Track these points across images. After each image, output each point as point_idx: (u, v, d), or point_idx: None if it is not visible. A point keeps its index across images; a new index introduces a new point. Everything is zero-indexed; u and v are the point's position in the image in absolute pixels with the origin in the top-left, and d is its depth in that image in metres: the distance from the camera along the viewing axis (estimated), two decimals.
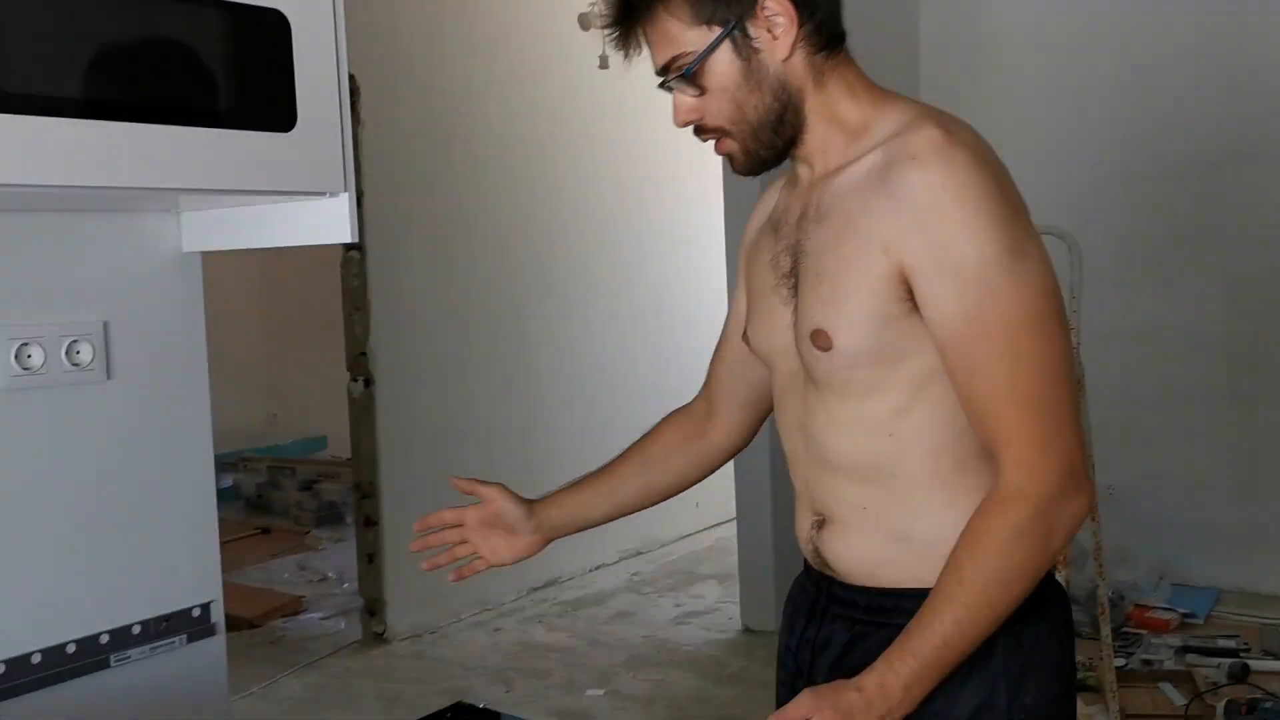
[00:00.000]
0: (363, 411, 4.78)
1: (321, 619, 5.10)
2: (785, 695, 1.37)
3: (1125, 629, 4.05)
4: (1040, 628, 1.30)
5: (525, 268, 5.21)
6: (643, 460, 1.57)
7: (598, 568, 5.61)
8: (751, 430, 1.60)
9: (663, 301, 6.02)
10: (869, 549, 1.33)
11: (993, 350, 1.19)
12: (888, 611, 1.30)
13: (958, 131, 1.23)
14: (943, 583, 1.20)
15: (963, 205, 1.18)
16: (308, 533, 6.75)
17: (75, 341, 1.60)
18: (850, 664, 1.30)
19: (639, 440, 1.61)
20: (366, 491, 4.81)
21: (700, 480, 1.60)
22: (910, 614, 1.23)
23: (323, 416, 8.09)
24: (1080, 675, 3.19)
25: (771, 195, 1.49)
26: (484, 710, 1.46)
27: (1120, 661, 3.63)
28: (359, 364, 4.75)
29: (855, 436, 1.30)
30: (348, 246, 4.73)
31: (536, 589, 5.31)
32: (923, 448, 1.28)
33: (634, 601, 5.17)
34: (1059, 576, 1.40)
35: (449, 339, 5.03)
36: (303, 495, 7.12)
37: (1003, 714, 1.26)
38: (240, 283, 7.92)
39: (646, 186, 5.89)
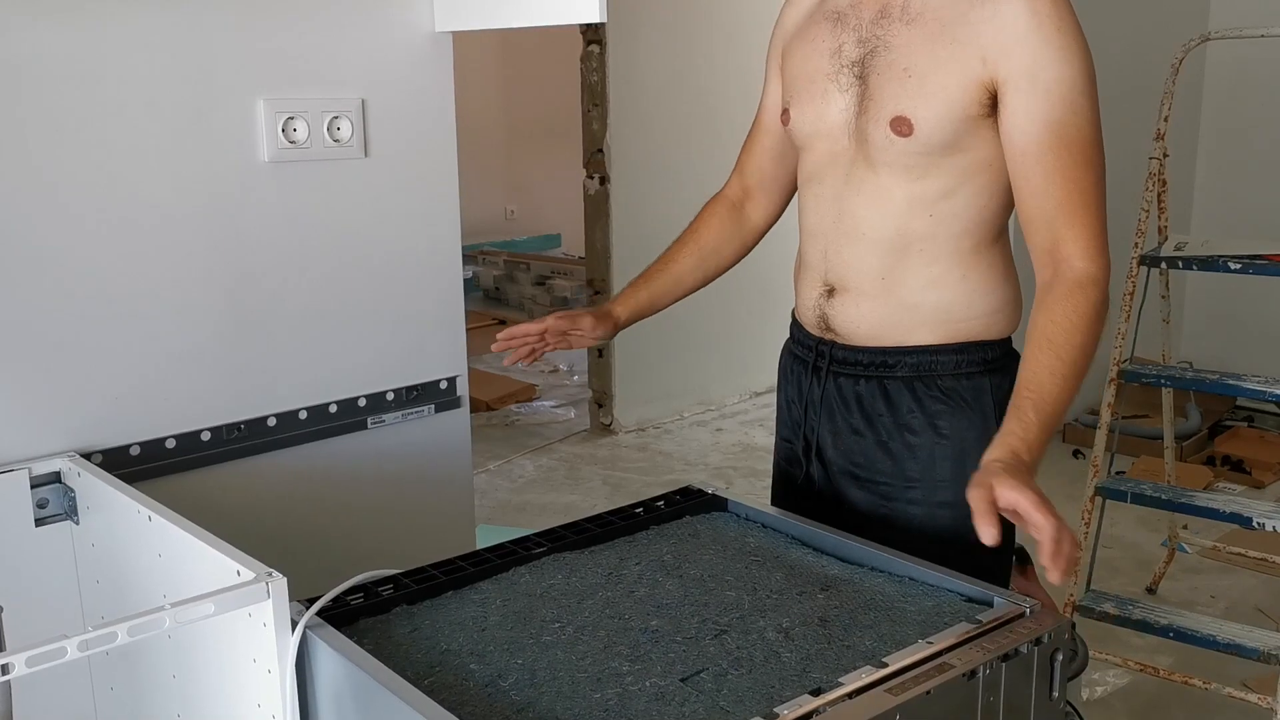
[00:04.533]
0: (597, 209, 4.84)
1: (552, 407, 5.34)
2: (785, 441, 1.66)
3: None
4: (1011, 377, 1.47)
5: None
6: (699, 250, 1.77)
7: None
8: (782, 209, 1.79)
9: None
10: (878, 315, 1.50)
11: (1070, 159, 1.37)
12: (890, 366, 1.51)
13: None
14: (1044, 359, 1.36)
15: (1061, 32, 1.36)
16: None
17: (336, 118, 1.66)
18: (851, 412, 1.54)
19: (691, 231, 1.79)
20: (598, 288, 4.91)
21: (742, 259, 1.81)
22: (910, 366, 1.49)
23: (557, 214, 8.28)
24: None
25: None
26: (712, 495, 1.49)
27: None
28: (595, 161, 4.79)
29: (899, 212, 1.46)
30: (588, 40, 4.70)
31: (759, 394, 5.38)
32: (954, 228, 1.46)
33: None
34: None
35: (686, 137, 4.98)
36: (536, 290, 7.38)
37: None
38: (479, 80, 8.04)
39: None
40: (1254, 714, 2.55)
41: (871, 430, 1.52)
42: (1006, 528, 1.55)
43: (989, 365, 1.50)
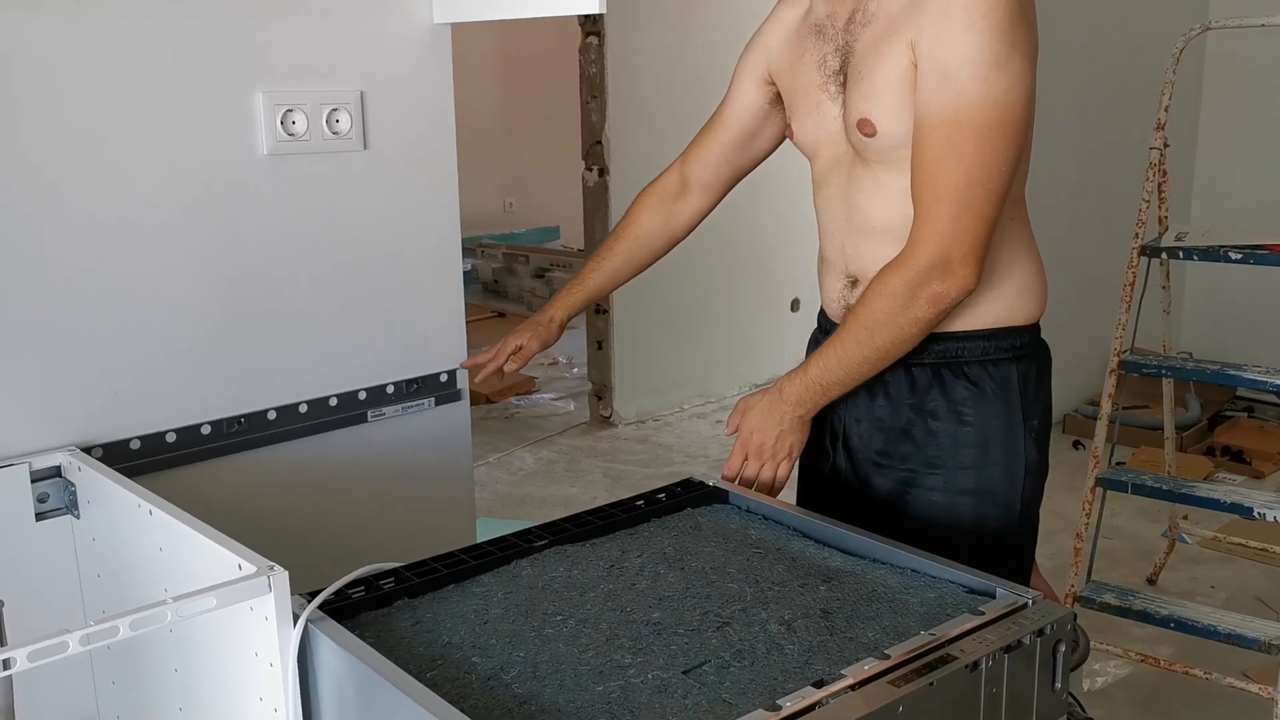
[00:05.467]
0: (596, 201, 4.83)
1: (552, 400, 5.34)
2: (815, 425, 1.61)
3: None
4: (1038, 364, 1.54)
5: None
6: (628, 247, 1.83)
7: None
8: (713, 207, 1.84)
9: None
10: None
11: (936, 140, 1.35)
12: (916, 352, 1.48)
13: None
14: (839, 326, 1.48)
15: (967, 10, 1.32)
16: None
17: (335, 110, 1.65)
18: (875, 399, 1.54)
19: (622, 226, 1.84)
20: None
21: (672, 249, 1.86)
22: (936, 354, 1.49)
23: (556, 207, 8.27)
24: None
25: (793, 3, 1.62)
26: (714, 488, 1.49)
27: None
28: (594, 153, 4.78)
29: (902, 203, 1.44)
30: (586, 32, 4.68)
31: (759, 385, 5.37)
32: None
33: None
34: None
35: (685, 129, 4.97)
36: (536, 283, 7.37)
37: (1020, 429, 1.50)
38: (478, 72, 8.02)
39: None
40: (1254, 704, 2.55)
41: (896, 417, 1.53)
42: (1027, 526, 1.55)
43: (1017, 352, 1.51)
